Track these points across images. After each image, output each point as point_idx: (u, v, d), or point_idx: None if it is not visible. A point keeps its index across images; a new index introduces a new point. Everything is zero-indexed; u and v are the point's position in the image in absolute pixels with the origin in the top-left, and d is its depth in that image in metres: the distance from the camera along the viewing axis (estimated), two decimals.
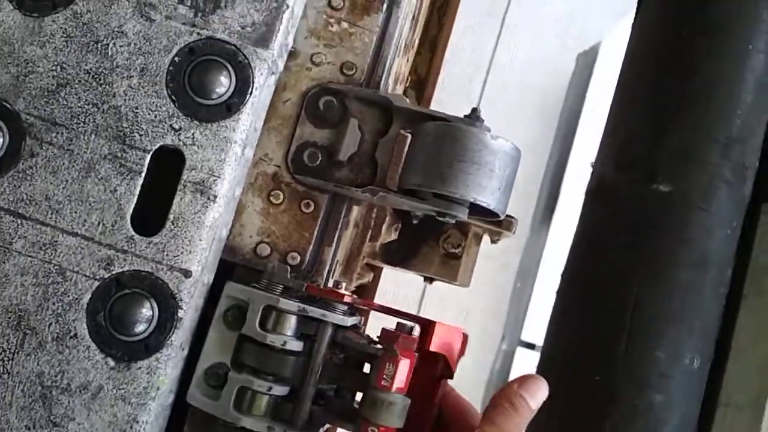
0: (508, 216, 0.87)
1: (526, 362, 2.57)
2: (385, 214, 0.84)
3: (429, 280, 0.92)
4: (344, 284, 0.64)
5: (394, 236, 0.87)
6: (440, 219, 0.67)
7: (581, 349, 0.68)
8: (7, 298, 0.59)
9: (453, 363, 0.64)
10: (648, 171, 0.68)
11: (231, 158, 0.61)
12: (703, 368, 0.67)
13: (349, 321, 0.63)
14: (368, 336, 0.67)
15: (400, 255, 0.90)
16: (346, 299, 0.63)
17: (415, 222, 0.89)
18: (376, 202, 0.66)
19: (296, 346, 0.62)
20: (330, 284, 0.68)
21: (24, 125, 0.60)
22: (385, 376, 0.60)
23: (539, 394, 0.62)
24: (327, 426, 0.65)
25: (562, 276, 0.76)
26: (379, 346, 0.63)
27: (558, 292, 0.74)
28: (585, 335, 0.69)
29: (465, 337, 0.64)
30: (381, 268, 1.03)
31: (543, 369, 0.72)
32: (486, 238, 0.91)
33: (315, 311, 0.62)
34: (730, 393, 0.68)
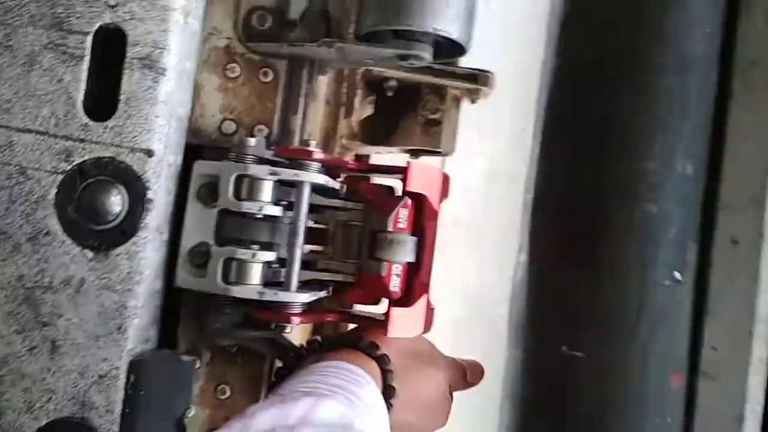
0: (483, 70, 0.84)
1: None
2: (355, 87, 0.81)
3: (414, 153, 0.90)
4: (314, 142, 0.62)
5: (369, 111, 0.84)
6: (404, 64, 0.64)
7: (573, 176, 0.66)
8: None
9: (435, 202, 0.62)
10: None
11: (173, 27, 0.58)
12: (697, 174, 0.64)
13: (323, 179, 0.61)
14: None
15: (380, 132, 0.87)
16: (316, 156, 0.61)
17: (389, 94, 0.86)
18: (335, 57, 0.64)
19: (274, 211, 0.60)
20: None
21: None
22: (399, 220, 0.61)
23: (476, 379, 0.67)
24: (323, 293, 0.63)
25: (545, 113, 0.73)
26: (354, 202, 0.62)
27: (543, 127, 0.72)
28: (575, 161, 0.66)
29: (446, 177, 0.63)
30: (366, 160, 1.00)
31: (536, 207, 0.70)
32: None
33: (287, 172, 0.60)
34: (729, 195, 0.65)
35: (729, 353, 0.65)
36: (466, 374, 0.66)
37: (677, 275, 0.62)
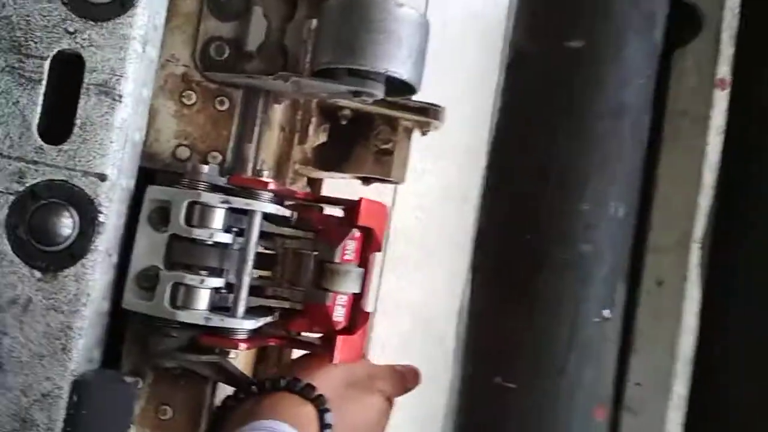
0: (434, 105, 0.87)
1: None
2: (310, 115, 0.83)
3: (365, 181, 0.92)
4: (266, 172, 0.64)
5: (323, 138, 0.86)
6: (357, 99, 0.66)
7: (512, 213, 0.69)
8: None
9: (381, 235, 0.65)
10: (559, 30, 0.69)
11: (131, 56, 0.60)
12: (628, 216, 0.68)
13: (274, 208, 0.63)
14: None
15: (333, 158, 0.90)
16: (269, 186, 0.63)
17: (344, 123, 0.88)
18: (290, 90, 0.66)
19: (224, 238, 0.62)
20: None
21: None
22: (347, 251, 0.64)
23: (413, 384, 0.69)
24: (269, 318, 0.65)
25: (490, 154, 0.77)
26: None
27: (487, 167, 0.75)
28: (515, 199, 0.70)
29: (386, 209, 0.66)
30: (319, 183, 1.02)
31: (479, 241, 0.73)
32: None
33: (239, 201, 0.62)
34: (657, 238, 0.70)
35: (651, 390, 0.68)
36: (403, 380, 0.69)
37: (606, 313, 0.66)
